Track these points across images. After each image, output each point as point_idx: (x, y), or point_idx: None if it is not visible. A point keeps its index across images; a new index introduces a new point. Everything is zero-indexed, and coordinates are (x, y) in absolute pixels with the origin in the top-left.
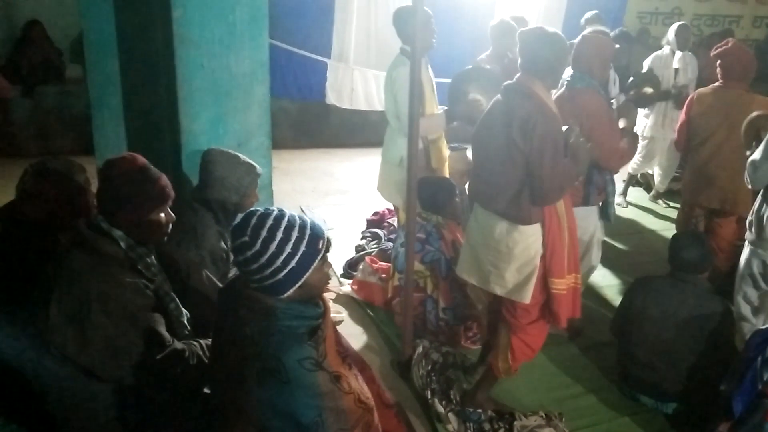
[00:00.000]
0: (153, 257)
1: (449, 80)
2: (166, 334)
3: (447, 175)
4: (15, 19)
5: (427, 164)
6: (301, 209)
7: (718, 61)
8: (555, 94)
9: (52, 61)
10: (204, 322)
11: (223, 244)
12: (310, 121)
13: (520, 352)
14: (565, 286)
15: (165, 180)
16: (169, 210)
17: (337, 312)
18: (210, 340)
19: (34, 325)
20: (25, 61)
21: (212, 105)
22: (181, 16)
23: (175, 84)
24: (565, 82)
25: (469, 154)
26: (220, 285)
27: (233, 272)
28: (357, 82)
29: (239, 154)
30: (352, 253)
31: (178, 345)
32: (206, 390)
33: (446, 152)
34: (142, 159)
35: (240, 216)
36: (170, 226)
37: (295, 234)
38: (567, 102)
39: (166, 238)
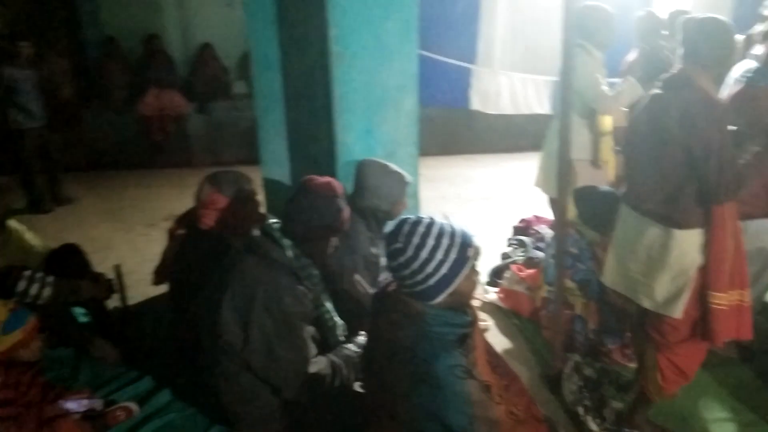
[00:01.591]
0: (316, 269)
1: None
2: (313, 350)
3: (612, 176)
4: (190, 43)
5: (593, 160)
6: (444, 215)
7: None
8: (731, 90)
9: (220, 78)
10: (354, 324)
11: (374, 250)
12: (454, 128)
13: (671, 374)
14: (727, 302)
15: (348, 213)
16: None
17: (483, 320)
18: (359, 338)
19: (208, 321)
20: (198, 80)
21: (364, 117)
22: (337, 33)
23: (330, 98)
24: (746, 78)
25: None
26: (370, 289)
27: (383, 277)
28: (503, 86)
29: (390, 164)
30: (497, 261)
31: (321, 364)
32: (358, 389)
33: (610, 151)
34: (339, 187)
35: (393, 223)
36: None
37: (445, 241)
38: (748, 101)
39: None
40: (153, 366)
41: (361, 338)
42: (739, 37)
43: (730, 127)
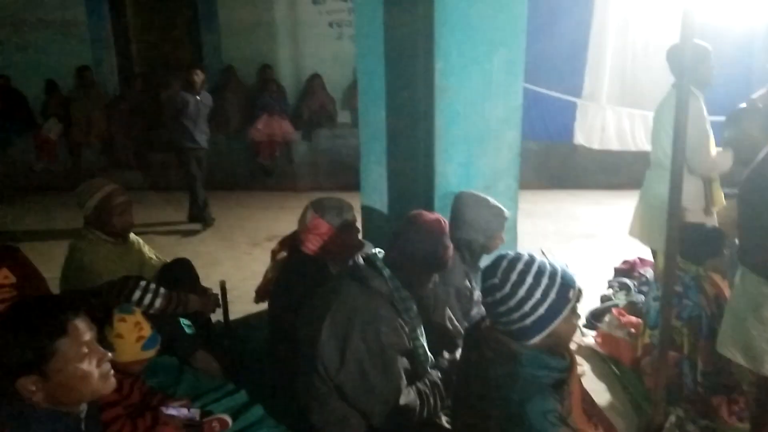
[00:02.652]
0: (413, 302)
1: (723, 118)
2: (404, 382)
3: (716, 223)
4: (301, 73)
5: (705, 207)
6: (542, 252)
7: None
8: None
9: (326, 108)
10: (440, 354)
11: (467, 283)
12: (556, 162)
13: None
14: None
15: (452, 251)
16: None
17: (579, 365)
18: (443, 361)
19: (306, 343)
20: (305, 109)
21: (464, 149)
22: (443, 67)
23: (432, 130)
24: None
25: None
26: (462, 323)
27: (475, 311)
28: (609, 122)
29: (488, 198)
30: (596, 303)
31: (411, 396)
32: (445, 423)
33: (720, 197)
34: (446, 225)
35: (492, 258)
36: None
37: (545, 280)
38: None
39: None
40: (249, 381)
41: (445, 361)
42: None
43: None
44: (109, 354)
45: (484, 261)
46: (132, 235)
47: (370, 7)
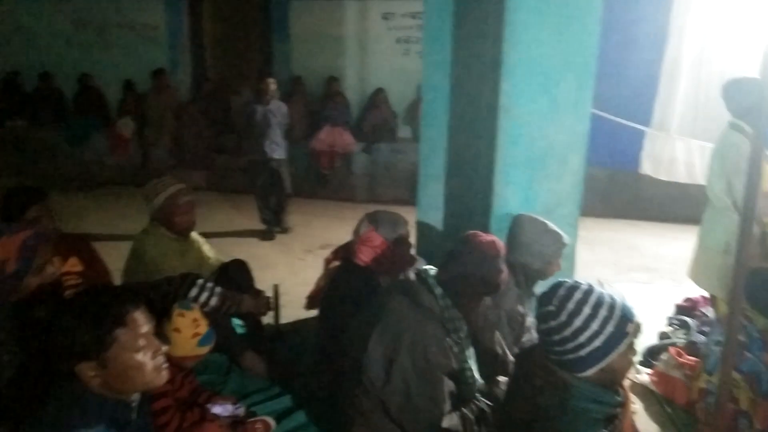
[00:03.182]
0: (464, 324)
1: None
2: (448, 406)
3: None
4: (366, 86)
5: (763, 253)
6: (599, 282)
7: None
8: None
9: (388, 122)
10: (492, 382)
11: (520, 308)
12: (619, 191)
13: None
14: None
15: (506, 274)
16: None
17: (631, 402)
18: (497, 390)
19: (354, 354)
20: (367, 122)
21: (526, 172)
22: (509, 88)
23: (494, 150)
24: None
25: None
26: (512, 348)
27: (526, 337)
28: (679, 153)
29: (547, 222)
30: (653, 340)
31: (454, 420)
32: None
33: None
34: (502, 248)
35: (548, 284)
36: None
37: (603, 312)
38: None
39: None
40: (294, 386)
41: (497, 389)
42: None
43: None
44: (164, 347)
45: (540, 287)
46: (193, 234)
47: (438, 25)
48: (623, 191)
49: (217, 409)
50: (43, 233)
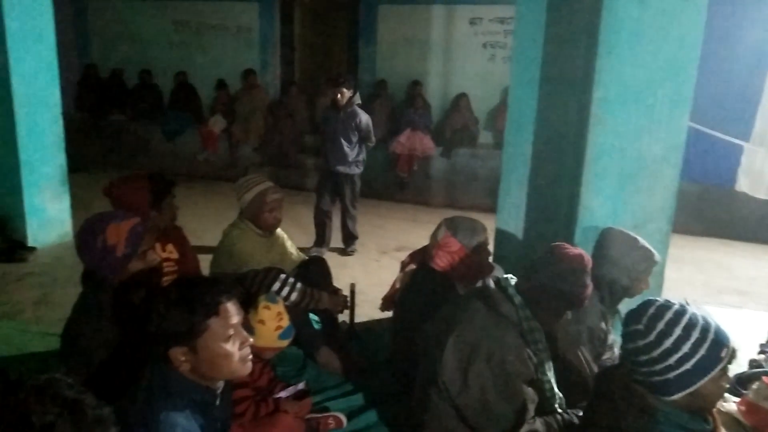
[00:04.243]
0: (542, 335)
1: None
2: (531, 411)
3: None
4: (448, 91)
5: None
6: (686, 302)
7: None
8: None
9: (469, 127)
10: (572, 399)
11: (603, 325)
12: (712, 208)
13: None
14: None
15: (591, 289)
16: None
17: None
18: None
19: (430, 358)
20: (448, 126)
21: (615, 184)
22: (602, 97)
23: (582, 160)
24: None
25: None
26: (593, 365)
27: (607, 355)
28: None
29: (638, 238)
30: (744, 367)
31: (536, 425)
32: None
33: None
34: (589, 262)
35: (638, 302)
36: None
37: (695, 334)
38: None
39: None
40: (367, 385)
41: (582, 405)
42: None
43: None
44: (251, 339)
45: (625, 305)
46: (278, 230)
47: (530, 32)
48: (716, 208)
49: (282, 394)
50: (146, 222)
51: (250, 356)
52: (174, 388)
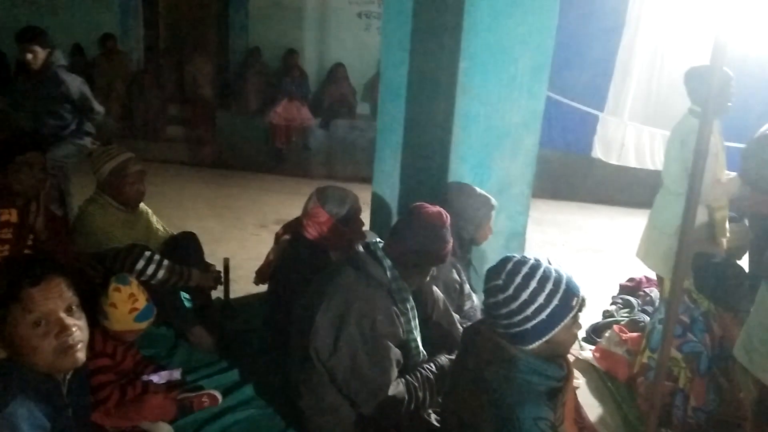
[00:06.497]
0: (410, 295)
1: (741, 145)
2: (395, 373)
3: (723, 251)
4: (325, 61)
5: (709, 238)
6: (549, 261)
7: None
8: None
9: (347, 98)
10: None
11: (456, 276)
12: (571, 174)
13: None
14: None
15: (451, 245)
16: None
17: (575, 377)
18: (441, 359)
19: (301, 327)
20: (326, 97)
21: (481, 151)
22: (467, 66)
23: (451, 128)
24: None
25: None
26: (452, 318)
27: (468, 305)
28: (629, 138)
29: (474, 186)
30: (598, 318)
31: (400, 387)
32: (433, 419)
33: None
34: (448, 219)
35: (499, 261)
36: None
37: (549, 286)
38: None
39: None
40: (242, 360)
41: (443, 359)
42: None
43: None
44: (74, 329)
45: (481, 262)
46: (142, 205)
47: (399, 3)
48: (575, 174)
49: (154, 377)
50: None
51: (79, 346)
52: (12, 374)
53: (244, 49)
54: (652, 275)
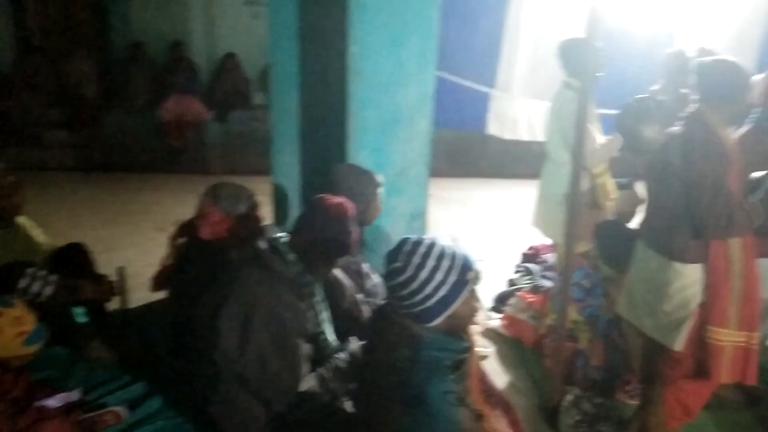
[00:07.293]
0: (319, 287)
1: (616, 111)
2: (306, 369)
3: (608, 216)
4: (214, 52)
5: (592, 202)
6: (453, 237)
7: None
8: (741, 131)
9: (241, 88)
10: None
11: (351, 258)
12: (469, 150)
13: (674, 410)
14: (727, 338)
15: (357, 235)
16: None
17: (482, 347)
18: (351, 345)
19: (206, 330)
20: (219, 89)
21: (377, 135)
22: (357, 51)
23: (345, 115)
24: (759, 120)
25: (638, 191)
26: (359, 305)
27: (369, 284)
28: (520, 112)
29: (359, 166)
30: (504, 287)
31: (312, 382)
32: (349, 407)
33: (612, 188)
34: (350, 208)
35: (396, 243)
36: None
37: (446, 263)
38: (757, 142)
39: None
40: (147, 371)
41: (353, 345)
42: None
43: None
44: None
45: (384, 242)
46: (20, 218)
47: None
48: (473, 151)
49: (49, 402)
50: None
51: None
52: None
53: (127, 43)
54: (550, 242)
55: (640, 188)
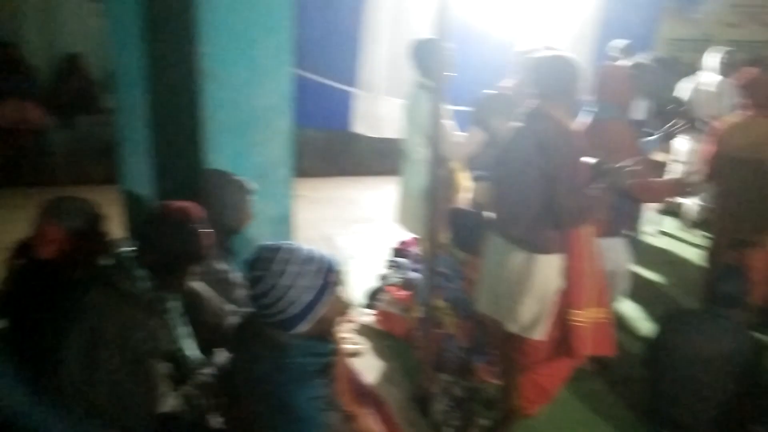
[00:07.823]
0: (175, 302)
1: (466, 108)
2: (164, 388)
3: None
4: (55, 53)
5: (449, 195)
6: (322, 238)
7: (748, 89)
8: (584, 122)
9: (87, 91)
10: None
11: (219, 266)
12: (336, 149)
13: (533, 394)
14: (586, 318)
15: (209, 238)
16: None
17: (354, 345)
18: (216, 358)
19: (49, 362)
20: (63, 93)
21: (235, 138)
22: (207, 51)
23: (198, 117)
24: (592, 114)
25: None
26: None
27: (237, 293)
28: (382, 110)
29: (227, 171)
30: (376, 283)
31: (174, 401)
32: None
33: (465, 181)
34: (195, 212)
35: (253, 252)
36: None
37: (307, 268)
38: (595, 134)
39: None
40: None
41: (219, 358)
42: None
43: (590, 158)
44: None
45: (248, 248)
46: None
47: None
48: (340, 150)
49: None
50: None
51: None
52: None
53: None
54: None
55: None
